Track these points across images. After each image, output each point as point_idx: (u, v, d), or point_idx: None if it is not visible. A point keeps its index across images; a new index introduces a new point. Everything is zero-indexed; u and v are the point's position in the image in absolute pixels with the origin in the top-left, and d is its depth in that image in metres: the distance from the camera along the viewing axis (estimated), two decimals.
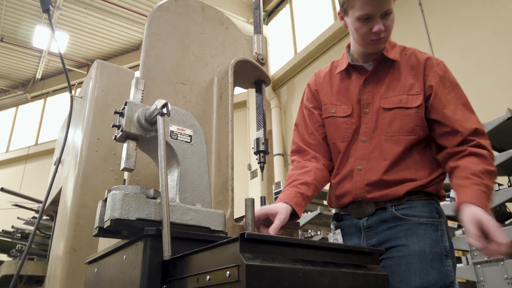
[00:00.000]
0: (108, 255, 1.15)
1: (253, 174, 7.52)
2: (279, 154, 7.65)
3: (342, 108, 1.47)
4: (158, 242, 0.93)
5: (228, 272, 0.74)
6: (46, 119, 12.29)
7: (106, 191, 1.00)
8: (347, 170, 1.42)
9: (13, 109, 12.95)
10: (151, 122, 1.07)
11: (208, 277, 0.79)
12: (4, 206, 4.88)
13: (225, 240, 0.77)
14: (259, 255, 0.74)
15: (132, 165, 1.05)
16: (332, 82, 1.55)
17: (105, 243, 1.26)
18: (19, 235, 3.89)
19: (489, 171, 1.23)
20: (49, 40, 10.08)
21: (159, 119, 1.03)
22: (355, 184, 1.38)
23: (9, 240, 4.00)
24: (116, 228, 0.95)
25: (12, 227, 4.11)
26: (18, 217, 4.50)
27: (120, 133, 1.06)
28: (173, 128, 1.16)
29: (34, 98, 12.60)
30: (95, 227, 1.00)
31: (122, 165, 1.04)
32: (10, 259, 4.02)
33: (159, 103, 1.04)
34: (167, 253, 0.91)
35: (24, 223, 4.37)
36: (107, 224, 0.93)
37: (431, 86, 1.36)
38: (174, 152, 1.12)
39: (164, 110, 1.03)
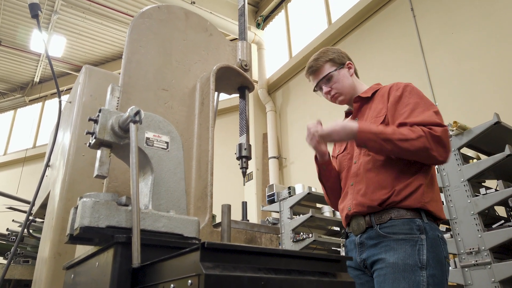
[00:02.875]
0: (84, 262, 1.15)
1: (248, 177, 7.52)
2: (274, 157, 7.65)
3: (342, 146, 1.73)
4: (129, 249, 0.94)
5: (189, 281, 0.74)
6: (44, 122, 12.29)
7: (78, 198, 1.01)
8: (345, 189, 1.61)
9: (11, 112, 12.96)
10: (125, 129, 1.08)
11: (172, 285, 0.80)
12: (0, 209, 4.88)
13: (187, 249, 0.77)
14: (220, 264, 0.75)
15: (105, 172, 1.06)
16: None
17: (82, 249, 1.27)
18: (14, 237, 3.90)
19: (397, 131, 1.40)
20: (47, 44, 10.10)
21: (132, 127, 1.04)
22: (350, 197, 1.56)
23: (4, 242, 4.02)
24: (86, 236, 0.96)
25: (7, 229, 4.12)
26: (13, 220, 4.51)
27: (94, 140, 1.07)
28: (149, 135, 1.17)
29: (32, 101, 12.60)
30: (66, 234, 1.01)
31: (95, 172, 1.05)
32: (6, 261, 4.04)
33: (132, 110, 1.04)
34: (136, 261, 0.91)
35: (19, 226, 4.39)
36: (76, 231, 0.93)
37: (387, 107, 1.56)
38: (148, 159, 1.13)
39: (137, 118, 1.04)
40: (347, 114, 1.83)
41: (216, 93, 1.79)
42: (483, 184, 3.19)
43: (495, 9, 4.78)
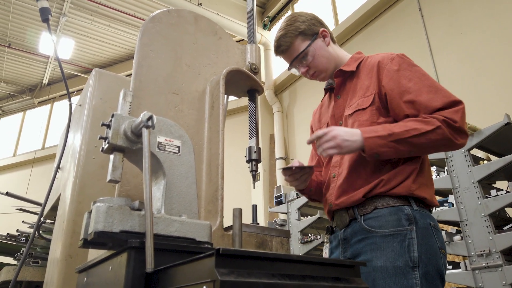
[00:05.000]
0: (97, 265, 1.16)
1: (256, 178, 7.52)
2: (281, 158, 7.65)
3: (323, 127, 1.56)
4: (142, 254, 0.94)
5: (204, 287, 0.74)
6: (52, 124, 12.41)
7: (92, 203, 1.01)
8: (326, 179, 1.49)
9: (21, 114, 13.11)
10: (137, 134, 1.09)
11: None
12: (10, 210, 4.94)
13: (201, 255, 0.77)
14: (234, 270, 0.75)
15: (118, 177, 1.07)
16: (322, 109, 1.68)
17: (95, 253, 1.28)
18: (23, 238, 3.94)
19: (408, 126, 1.23)
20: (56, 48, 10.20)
21: (144, 132, 1.05)
22: (331, 191, 1.44)
23: (14, 243, 4.06)
24: (100, 241, 0.97)
25: (17, 230, 4.16)
26: (23, 221, 4.55)
27: (107, 145, 1.08)
28: (161, 139, 1.18)
29: (41, 103, 12.74)
30: (80, 238, 1.02)
31: (108, 177, 1.06)
32: (15, 262, 4.08)
33: (145, 115, 1.05)
34: (149, 265, 0.92)
35: (29, 227, 4.43)
36: (90, 236, 0.94)
37: (383, 85, 1.37)
38: (161, 163, 1.14)
39: (149, 123, 1.05)
40: (327, 90, 1.63)
41: (225, 95, 1.79)
42: (493, 185, 3.15)
43: (503, 8, 4.73)
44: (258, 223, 1.49)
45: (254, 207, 1.88)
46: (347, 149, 1.26)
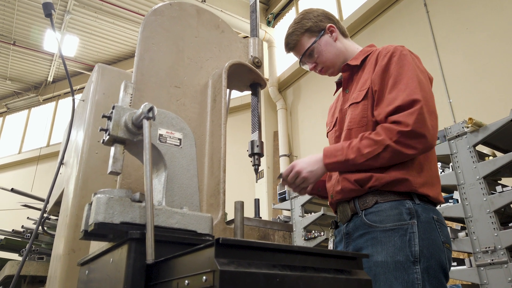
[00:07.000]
0: (98, 258, 1.16)
1: (259, 175, 7.51)
2: (285, 155, 7.63)
3: (332, 123, 1.59)
4: (143, 245, 0.94)
5: (204, 277, 0.74)
6: (57, 121, 12.47)
7: (93, 195, 1.01)
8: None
9: (26, 111, 13.18)
10: (138, 126, 1.08)
11: (186, 281, 0.79)
12: (15, 207, 4.97)
13: (201, 245, 0.77)
14: (235, 260, 0.74)
15: (119, 168, 1.06)
16: (336, 104, 1.67)
17: (96, 246, 1.28)
18: (28, 235, 3.96)
19: (361, 150, 1.26)
20: (60, 43, 10.23)
21: (145, 123, 1.04)
22: (332, 181, 1.45)
23: (19, 239, 4.08)
24: (100, 232, 0.96)
25: (22, 227, 4.19)
26: (28, 217, 4.58)
27: (108, 136, 1.07)
28: (162, 131, 1.17)
29: (46, 100, 12.80)
30: (81, 230, 1.01)
31: (109, 169, 1.05)
32: (20, 258, 4.11)
33: (145, 107, 1.04)
34: (150, 257, 0.91)
35: (34, 223, 4.46)
36: (91, 227, 0.94)
37: (371, 79, 1.38)
38: (162, 155, 1.13)
39: (150, 114, 1.04)
40: (339, 84, 1.64)
41: (228, 90, 1.79)
42: (499, 182, 3.12)
43: (509, 5, 4.68)
44: (261, 217, 1.48)
45: (257, 201, 1.87)
46: (314, 178, 1.36)
